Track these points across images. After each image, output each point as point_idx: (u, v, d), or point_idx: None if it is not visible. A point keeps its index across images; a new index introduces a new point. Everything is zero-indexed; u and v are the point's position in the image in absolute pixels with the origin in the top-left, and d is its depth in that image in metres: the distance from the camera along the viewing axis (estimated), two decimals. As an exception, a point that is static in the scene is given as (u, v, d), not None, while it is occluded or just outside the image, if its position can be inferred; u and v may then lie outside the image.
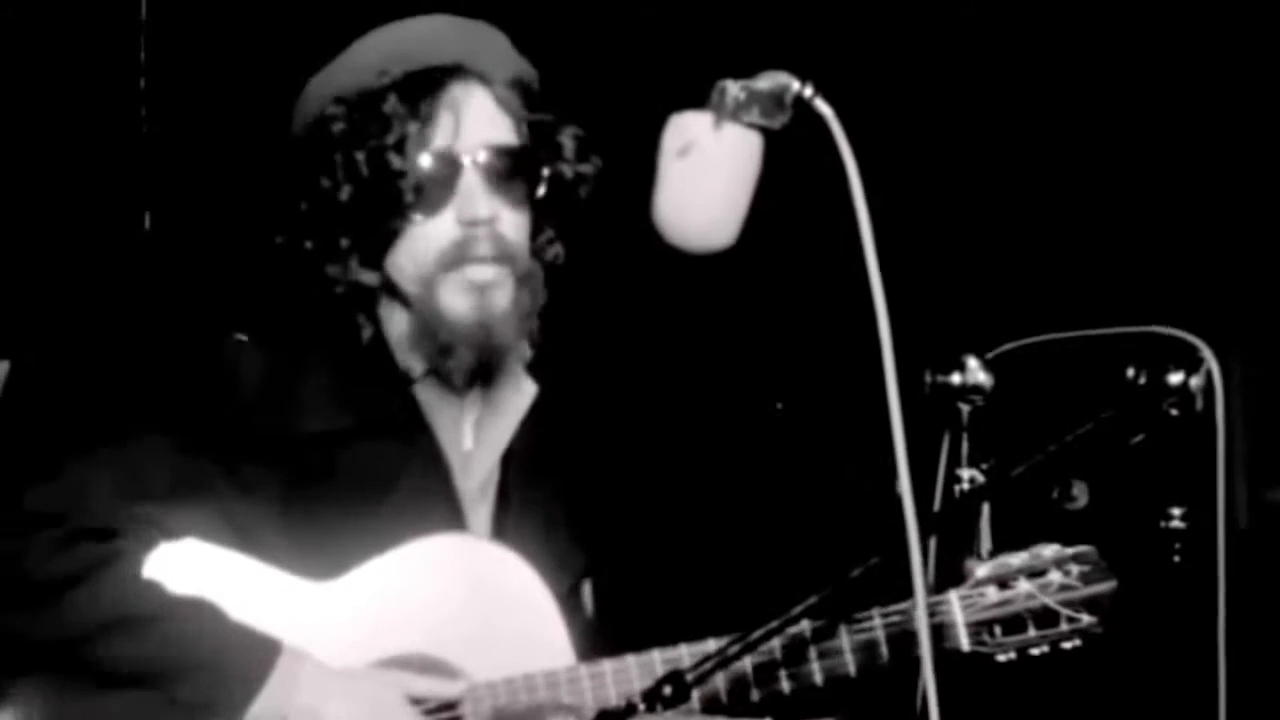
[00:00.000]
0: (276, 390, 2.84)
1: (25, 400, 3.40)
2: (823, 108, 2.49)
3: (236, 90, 3.79)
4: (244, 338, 2.87)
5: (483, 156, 2.85)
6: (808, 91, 2.51)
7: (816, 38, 3.85)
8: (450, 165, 2.84)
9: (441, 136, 2.84)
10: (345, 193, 2.84)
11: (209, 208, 3.82)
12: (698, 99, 2.55)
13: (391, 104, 2.83)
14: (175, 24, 3.89)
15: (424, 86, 2.84)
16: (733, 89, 2.53)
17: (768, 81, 2.53)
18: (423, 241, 2.85)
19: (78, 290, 3.79)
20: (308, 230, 2.89)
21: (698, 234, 2.57)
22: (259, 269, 2.97)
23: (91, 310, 3.76)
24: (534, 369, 2.99)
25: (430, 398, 2.92)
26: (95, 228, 3.85)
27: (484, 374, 2.91)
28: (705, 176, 2.55)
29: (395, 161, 2.82)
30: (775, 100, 2.52)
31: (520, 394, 2.97)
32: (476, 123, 2.86)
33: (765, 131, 2.55)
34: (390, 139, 2.82)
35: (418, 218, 2.84)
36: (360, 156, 2.83)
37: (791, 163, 2.58)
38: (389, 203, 2.83)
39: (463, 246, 2.83)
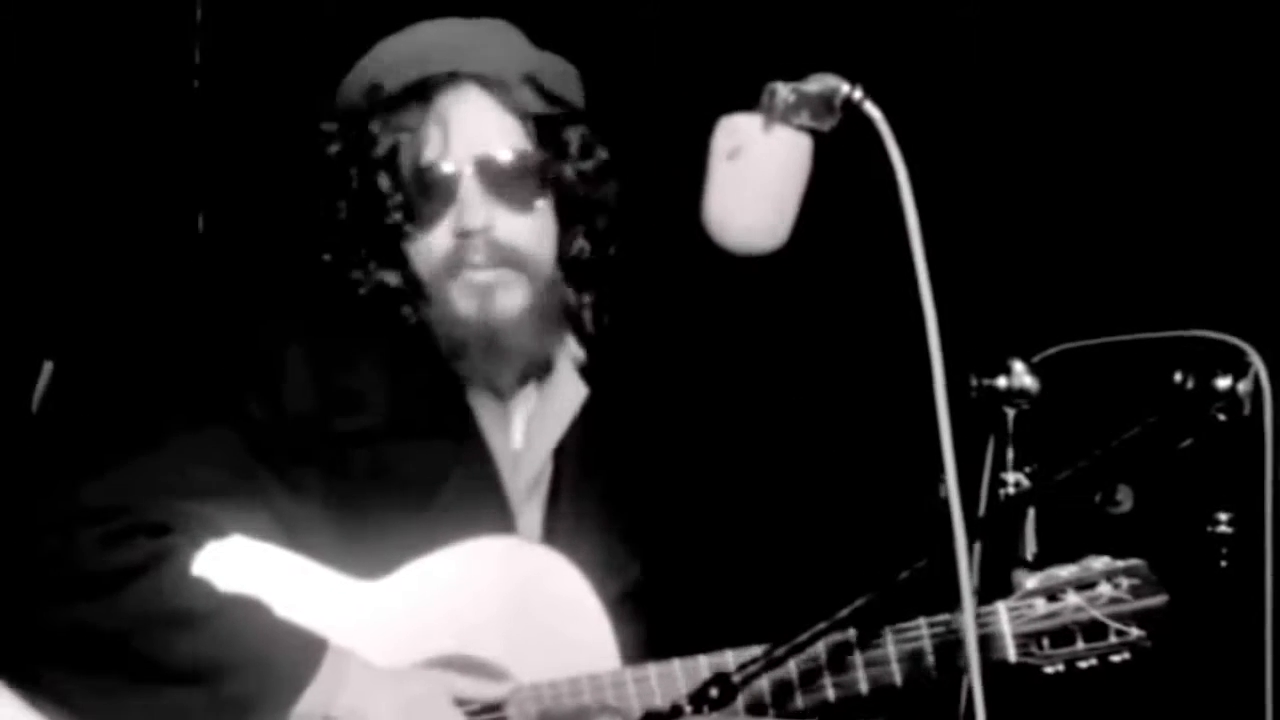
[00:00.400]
0: (326, 388, 2.85)
1: (79, 397, 3.41)
2: (871, 110, 2.50)
3: (290, 90, 3.80)
4: None
5: (478, 164, 2.85)
6: (857, 94, 2.52)
7: (864, 39, 3.85)
8: (443, 177, 2.85)
9: (433, 149, 2.85)
10: (344, 211, 2.89)
11: (262, 208, 3.84)
12: (747, 101, 2.55)
13: (378, 122, 2.86)
14: (229, 24, 3.90)
15: (412, 99, 2.85)
16: (782, 91, 2.54)
17: (817, 84, 2.54)
18: (424, 251, 2.88)
19: (130, 290, 3.81)
20: (323, 243, 2.93)
21: (747, 236, 2.58)
22: (309, 268, 2.99)
23: (144, 310, 3.78)
24: (586, 370, 2.99)
25: (478, 396, 2.93)
26: (149, 228, 3.86)
27: (527, 375, 2.93)
28: (755, 179, 2.55)
29: (384, 182, 2.86)
30: (824, 103, 2.53)
31: (571, 395, 2.98)
32: (471, 130, 2.86)
33: (815, 134, 2.55)
34: (378, 154, 2.86)
35: (414, 230, 2.87)
36: (351, 176, 2.88)
37: (840, 164, 2.58)
38: (386, 220, 2.87)
39: (458, 254, 2.85)
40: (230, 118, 3.90)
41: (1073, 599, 2.87)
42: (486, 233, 2.84)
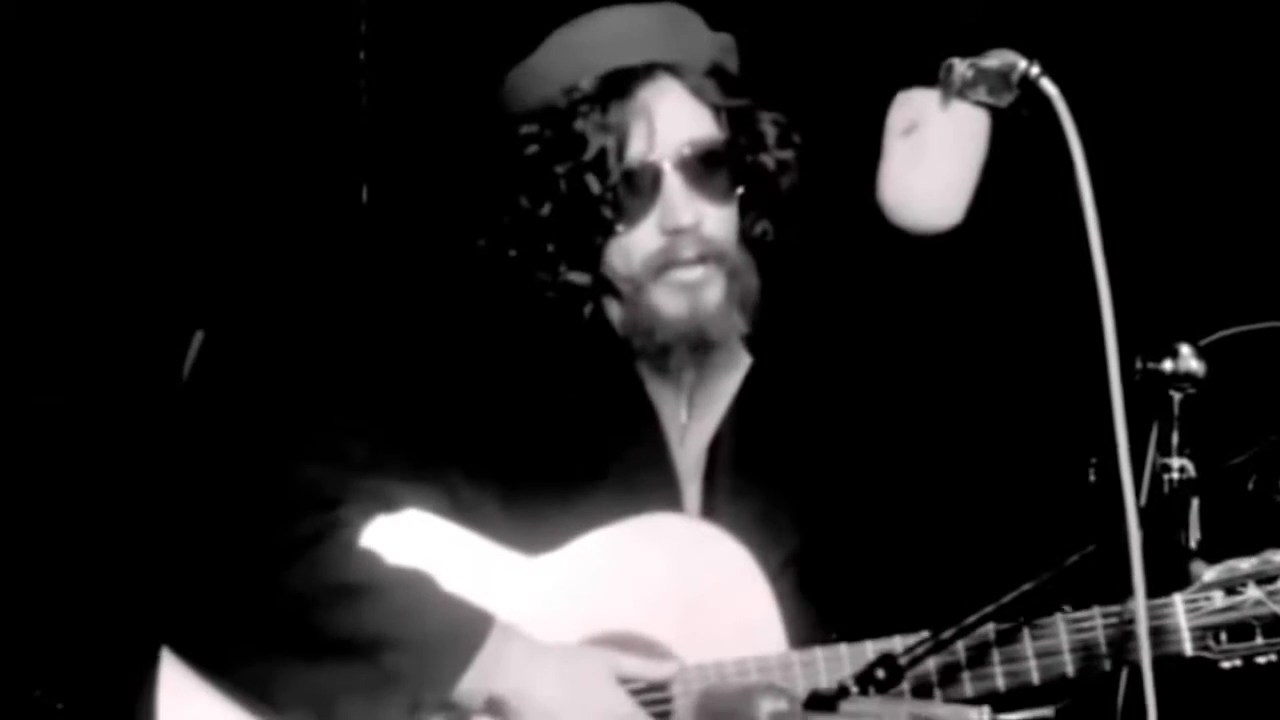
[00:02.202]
0: (501, 366, 2.85)
1: (250, 367, 3.45)
2: (1048, 87, 2.47)
3: (457, 63, 3.80)
4: None
5: (681, 159, 2.83)
6: (1034, 70, 2.49)
7: (1044, 14, 3.80)
8: (650, 174, 2.83)
9: (637, 145, 2.83)
10: (546, 209, 2.87)
11: (427, 181, 3.84)
12: (925, 76, 2.53)
13: (582, 121, 2.82)
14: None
15: (614, 94, 2.82)
16: (960, 67, 2.52)
17: (995, 60, 2.52)
18: (626, 249, 2.85)
19: (293, 261, 3.83)
20: (511, 240, 2.91)
21: (922, 213, 2.56)
22: (477, 248, 2.98)
23: (320, 283, 3.80)
24: (750, 342, 2.97)
25: (649, 372, 2.92)
26: (313, 200, 3.88)
27: (672, 358, 2.89)
28: (931, 155, 2.53)
29: (593, 183, 2.82)
30: (1002, 79, 2.51)
31: (736, 367, 2.96)
32: (672, 123, 2.84)
33: (992, 110, 2.52)
34: (586, 157, 2.82)
35: (620, 228, 2.85)
36: (557, 177, 2.84)
37: (1014, 142, 2.55)
38: (591, 220, 2.84)
39: (667, 252, 2.83)
40: (396, 89, 3.90)
41: (1253, 593, 2.81)
42: (696, 229, 2.82)
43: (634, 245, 2.84)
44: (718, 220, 2.85)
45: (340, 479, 2.77)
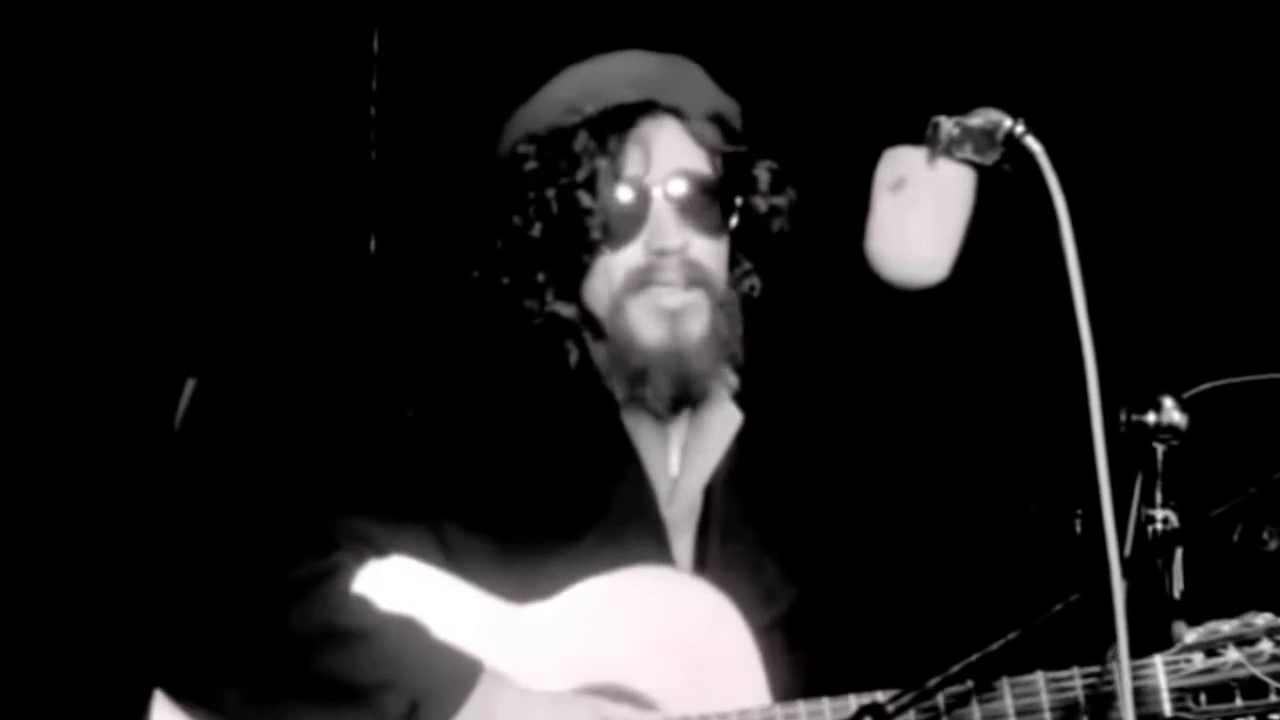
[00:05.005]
0: (489, 416, 2.88)
1: (256, 411, 3.46)
2: (1033, 145, 2.51)
3: (465, 115, 3.83)
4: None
5: (672, 186, 2.88)
6: (1019, 128, 2.53)
7: (1029, 73, 3.84)
8: (640, 196, 2.87)
9: (632, 168, 2.87)
10: (537, 229, 2.90)
11: (435, 231, 3.86)
12: (912, 134, 2.57)
13: (581, 141, 2.87)
14: (406, 52, 3.94)
15: (614, 123, 2.87)
16: (946, 125, 2.55)
17: (981, 118, 2.55)
18: (611, 269, 2.89)
19: (301, 308, 3.85)
20: (503, 265, 2.94)
21: (909, 268, 2.59)
22: (474, 295, 3.01)
23: (320, 329, 3.82)
24: (740, 397, 3.00)
25: (637, 424, 2.94)
26: (321, 249, 3.90)
27: (684, 401, 2.93)
28: (918, 211, 2.57)
29: (585, 199, 2.86)
30: (987, 136, 2.54)
31: (726, 422, 2.98)
32: (667, 155, 2.89)
33: (977, 167, 2.56)
34: (580, 176, 2.86)
35: (608, 250, 2.88)
36: (550, 194, 2.88)
37: (999, 198, 2.59)
38: (580, 238, 2.88)
39: (649, 271, 2.87)
40: (405, 142, 3.93)
41: (1233, 655, 2.81)
42: (682, 253, 2.86)
43: (618, 263, 2.88)
44: (706, 250, 2.89)
45: (336, 523, 2.79)
